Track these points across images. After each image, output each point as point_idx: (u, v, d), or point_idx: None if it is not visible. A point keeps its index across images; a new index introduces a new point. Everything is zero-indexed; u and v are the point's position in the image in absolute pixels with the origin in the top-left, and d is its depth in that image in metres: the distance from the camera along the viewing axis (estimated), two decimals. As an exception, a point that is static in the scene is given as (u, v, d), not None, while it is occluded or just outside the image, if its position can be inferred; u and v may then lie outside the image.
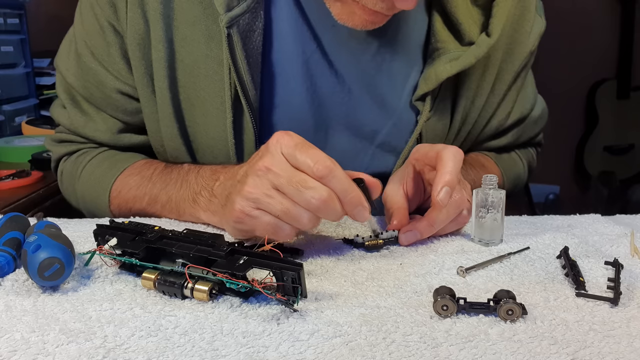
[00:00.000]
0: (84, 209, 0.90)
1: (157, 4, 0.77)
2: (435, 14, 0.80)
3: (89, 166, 0.87)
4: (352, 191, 0.59)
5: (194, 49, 0.78)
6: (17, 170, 1.24)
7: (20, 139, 1.48)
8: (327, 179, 0.58)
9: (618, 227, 0.74)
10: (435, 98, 0.82)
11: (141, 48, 0.79)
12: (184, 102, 0.81)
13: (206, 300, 0.53)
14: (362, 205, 0.60)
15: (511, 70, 0.86)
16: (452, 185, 0.64)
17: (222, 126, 0.79)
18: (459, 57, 0.78)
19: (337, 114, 0.82)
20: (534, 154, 1.05)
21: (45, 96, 1.78)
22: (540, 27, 0.87)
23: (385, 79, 0.82)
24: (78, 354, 0.45)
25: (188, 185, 0.77)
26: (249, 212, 0.61)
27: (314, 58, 0.80)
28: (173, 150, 0.85)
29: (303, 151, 0.59)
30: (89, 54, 0.83)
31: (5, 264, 0.58)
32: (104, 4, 0.80)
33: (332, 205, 0.59)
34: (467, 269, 0.60)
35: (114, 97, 0.84)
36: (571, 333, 0.49)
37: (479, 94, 0.85)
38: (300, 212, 0.59)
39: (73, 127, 0.88)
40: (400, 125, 0.84)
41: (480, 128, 0.90)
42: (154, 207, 0.80)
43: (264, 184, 0.60)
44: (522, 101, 0.93)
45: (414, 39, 0.82)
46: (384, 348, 0.46)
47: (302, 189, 0.58)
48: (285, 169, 0.59)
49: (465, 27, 0.79)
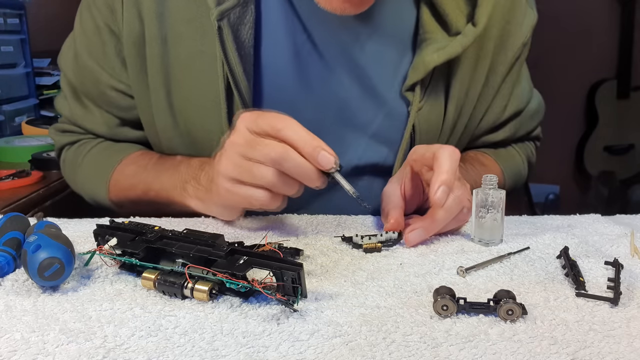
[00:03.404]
0: (84, 196, 0.94)
1: (151, 2, 0.79)
2: (422, 5, 0.81)
3: (89, 156, 0.91)
4: (312, 139, 0.62)
5: (189, 46, 0.79)
6: (17, 170, 1.24)
7: (20, 139, 1.48)
8: (284, 131, 0.62)
9: (618, 227, 0.74)
10: (426, 88, 0.82)
11: (136, 46, 0.82)
12: (178, 97, 0.82)
13: (206, 300, 0.53)
14: (323, 149, 0.62)
15: (504, 62, 0.87)
16: (449, 184, 0.65)
17: (217, 119, 0.80)
18: (445, 46, 0.79)
19: (329, 106, 0.83)
20: (532, 149, 1.05)
21: (45, 96, 1.78)
22: (532, 19, 0.88)
23: (376, 69, 0.83)
24: (78, 354, 0.45)
25: (179, 175, 0.80)
26: (228, 187, 0.67)
27: (305, 50, 0.81)
28: (169, 143, 0.87)
29: (263, 117, 0.64)
30: (85, 53, 0.87)
31: (5, 264, 0.58)
32: (101, 6, 0.83)
33: (289, 154, 0.62)
34: (467, 269, 0.61)
35: (109, 94, 0.87)
36: (571, 333, 0.49)
37: (472, 86, 0.86)
38: (262, 170, 0.63)
39: (74, 119, 0.93)
40: (392, 115, 0.84)
41: (476, 122, 0.91)
42: (149, 194, 0.83)
43: (233, 156, 0.65)
44: (517, 95, 0.93)
45: (403, 30, 0.83)
46: (384, 348, 0.46)
47: (258, 147, 0.63)
48: (245, 137, 0.64)
49: (451, 17, 0.80)
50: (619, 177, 2.78)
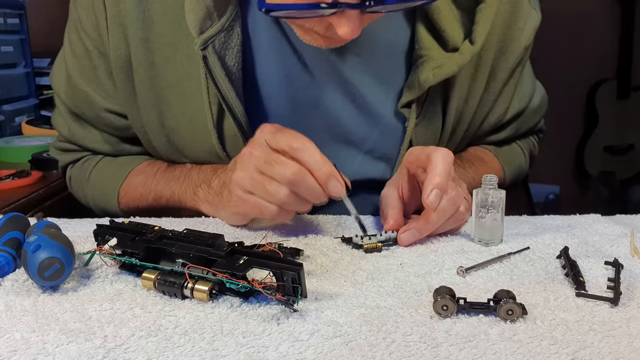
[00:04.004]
0: (94, 209, 0.94)
1: (136, 29, 0.78)
2: (418, 20, 0.79)
3: (95, 171, 0.91)
4: (324, 165, 0.64)
5: (177, 69, 0.79)
6: (17, 170, 1.24)
7: (20, 139, 1.48)
8: (301, 152, 0.64)
9: (618, 227, 0.74)
10: (423, 104, 0.82)
11: (124, 70, 0.82)
12: (170, 119, 0.83)
13: (206, 300, 0.53)
14: (335, 178, 0.64)
15: (506, 68, 0.86)
16: (441, 187, 0.65)
17: (208, 140, 0.81)
18: (442, 65, 0.78)
19: (322, 124, 0.83)
20: (535, 142, 1.04)
21: (45, 96, 1.78)
22: (535, 21, 0.86)
23: (369, 87, 0.82)
24: (78, 354, 0.45)
25: (190, 180, 0.81)
26: (241, 195, 0.68)
27: (295, 71, 0.80)
28: (169, 158, 0.88)
29: (283, 133, 0.66)
30: (77, 76, 0.87)
31: (5, 264, 0.58)
32: (88, 29, 0.82)
33: (304, 177, 0.64)
34: (467, 269, 0.60)
35: (103, 116, 0.87)
36: (571, 333, 0.49)
37: (472, 94, 0.85)
38: (276, 188, 0.65)
39: (74, 139, 0.92)
40: (387, 132, 0.84)
41: (477, 125, 0.90)
42: (160, 202, 0.84)
43: (249, 168, 0.67)
44: (520, 95, 0.92)
45: (397, 47, 0.82)
46: (384, 348, 0.46)
47: (275, 165, 0.64)
48: (264, 151, 0.66)
49: (448, 33, 0.78)
50: (619, 177, 2.78)
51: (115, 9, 0.79)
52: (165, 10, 0.77)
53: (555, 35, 2.55)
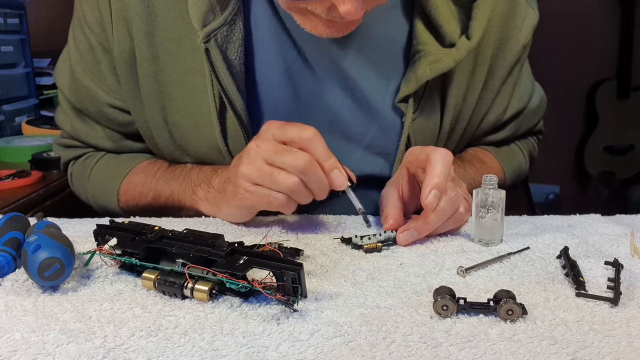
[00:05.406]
0: (94, 206, 0.94)
1: (140, 23, 0.79)
2: (416, 15, 0.80)
3: (96, 168, 0.92)
4: (330, 157, 0.67)
5: (180, 64, 0.80)
6: (17, 170, 1.24)
7: (20, 139, 1.48)
8: (311, 144, 0.66)
9: (618, 227, 0.74)
10: (420, 99, 0.82)
11: (128, 65, 0.82)
12: (173, 114, 0.83)
13: (206, 300, 0.53)
14: (338, 170, 0.67)
15: (504, 66, 0.86)
16: (440, 187, 0.65)
17: (212, 135, 0.81)
18: (439, 60, 0.78)
19: (322, 119, 0.83)
20: (534, 143, 1.04)
21: (45, 96, 1.78)
22: (532, 20, 0.86)
23: (367, 82, 0.82)
24: (78, 354, 0.45)
25: (190, 180, 0.82)
26: (247, 187, 0.69)
27: (296, 65, 0.81)
28: (170, 156, 0.88)
29: (291, 125, 0.68)
30: (81, 71, 0.87)
31: (5, 264, 0.58)
32: (92, 24, 0.83)
33: (313, 168, 0.66)
34: (467, 269, 0.61)
35: (106, 111, 0.88)
36: (571, 333, 0.49)
37: (470, 91, 0.85)
38: (285, 177, 0.66)
39: (76, 135, 0.93)
40: (385, 127, 0.84)
41: (476, 124, 0.90)
42: (159, 201, 0.84)
43: (257, 160, 0.68)
44: (519, 94, 0.92)
45: (395, 42, 0.82)
46: (384, 348, 0.46)
47: (286, 154, 0.66)
48: (272, 143, 0.68)
49: (445, 29, 0.78)
50: (619, 177, 2.78)
51: (120, 4, 0.79)
52: (169, 4, 0.78)
53: (555, 35, 2.55)
